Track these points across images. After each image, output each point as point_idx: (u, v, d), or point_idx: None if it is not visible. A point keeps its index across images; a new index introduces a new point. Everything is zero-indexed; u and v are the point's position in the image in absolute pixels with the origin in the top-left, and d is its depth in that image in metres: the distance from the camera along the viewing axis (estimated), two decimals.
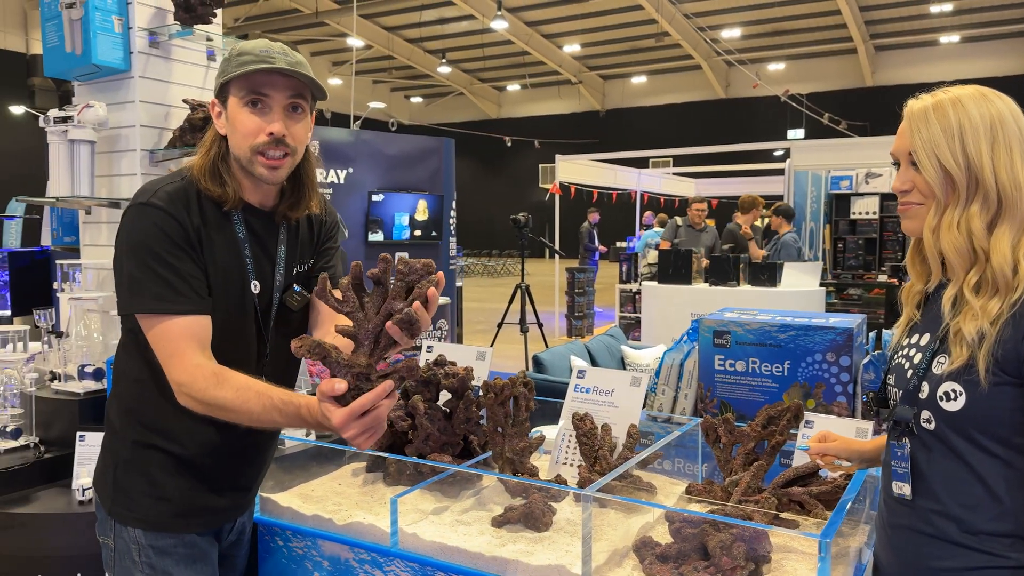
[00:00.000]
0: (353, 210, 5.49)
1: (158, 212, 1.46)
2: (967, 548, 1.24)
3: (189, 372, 1.42)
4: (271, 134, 1.49)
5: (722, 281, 6.25)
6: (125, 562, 1.55)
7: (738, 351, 2.45)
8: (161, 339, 1.44)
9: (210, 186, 1.51)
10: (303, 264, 1.68)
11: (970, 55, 23.05)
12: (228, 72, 1.50)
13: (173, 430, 1.53)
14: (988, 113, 1.23)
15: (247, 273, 1.56)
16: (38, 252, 4.03)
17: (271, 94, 1.49)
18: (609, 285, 11.53)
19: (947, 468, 1.26)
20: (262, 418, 1.39)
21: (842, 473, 1.68)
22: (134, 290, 1.45)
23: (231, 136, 1.53)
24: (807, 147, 9.49)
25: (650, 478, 1.94)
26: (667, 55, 26.18)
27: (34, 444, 2.39)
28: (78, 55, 2.68)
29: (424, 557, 1.59)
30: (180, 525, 1.56)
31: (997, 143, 1.22)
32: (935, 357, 1.28)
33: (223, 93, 1.53)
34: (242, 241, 1.55)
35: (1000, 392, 1.19)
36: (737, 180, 15.34)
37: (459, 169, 7.51)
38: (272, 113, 1.50)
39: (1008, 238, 1.22)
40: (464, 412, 1.92)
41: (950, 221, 1.25)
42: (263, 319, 1.59)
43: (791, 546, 1.56)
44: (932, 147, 1.25)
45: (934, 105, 1.27)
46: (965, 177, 1.23)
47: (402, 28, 24.92)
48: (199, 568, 1.58)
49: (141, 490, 1.54)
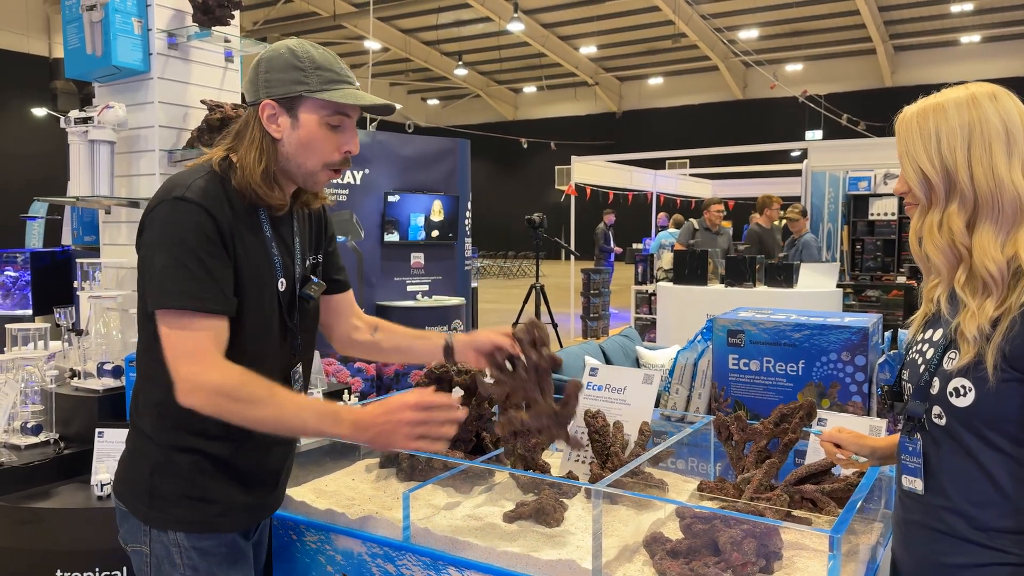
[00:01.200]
0: (369, 211, 5.52)
1: (194, 207, 1.43)
2: (976, 544, 1.25)
3: (212, 367, 1.40)
4: (347, 152, 1.53)
5: (738, 282, 6.23)
6: (164, 567, 1.52)
7: (752, 350, 2.44)
8: (180, 335, 1.41)
9: (269, 192, 1.50)
10: (311, 257, 1.68)
11: (991, 55, 22.78)
12: (310, 86, 1.48)
13: (210, 430, 1.49)
14: (968, 116, 1.26)
15: (276, 271, 1.55)
16: (59, 252, 4.09)
17: (352, 114, 1.54)
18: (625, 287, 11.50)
19: (957, 464, 1.27)
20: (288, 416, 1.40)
21: (855, 471, 1.68)
22: (165, 286, 1.42)
23: (301, 150, 1.51)
24: (825, 148, 9.43)
25: (663, 476, 1.94)
26: (684, 56, 26.09)
27: (54, 440, 2.43)
28: (98, 57, 2.72)
29: (436, 551, 1.61)
30: (224, 525, 1.54)
31: (974, 143, 1.24)
32: (946, 353, 1.28)
33: (293, 104, 1.49)
34: (269, 240, 1.55)
35: (1009, 389, 1.20)
36: (754, 181, 15.26)
37: (475, 171, 7.53)
38: (348, 132, 1.53)
39: (990, 236, 1.24)
40: (476, 409, 1.93)
41: (931, 223, 1.29)
42: (289, 314, 1.59)
43: (803, 543, 1.55)
44: (912, 152, 1.30)
45: (918, 111, 1.31)
46: (941, 179, 1.27)
47: (419, 31, 25.03)
48: (240, 568, 1.57)
49: (182, 493, 1.51)
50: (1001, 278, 1.22)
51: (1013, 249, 1.23)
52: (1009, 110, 1.26)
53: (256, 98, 1.51)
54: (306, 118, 1.49)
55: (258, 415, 1.40)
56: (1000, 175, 1.23)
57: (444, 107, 34.04)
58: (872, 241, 9.48)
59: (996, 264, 1.22)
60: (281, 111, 1.50)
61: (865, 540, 1.63)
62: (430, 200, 5.82)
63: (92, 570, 2.15)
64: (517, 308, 7.48)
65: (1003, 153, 1.24)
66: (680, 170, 15.81)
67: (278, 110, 1.50)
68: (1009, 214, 1.23)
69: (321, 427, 1.43)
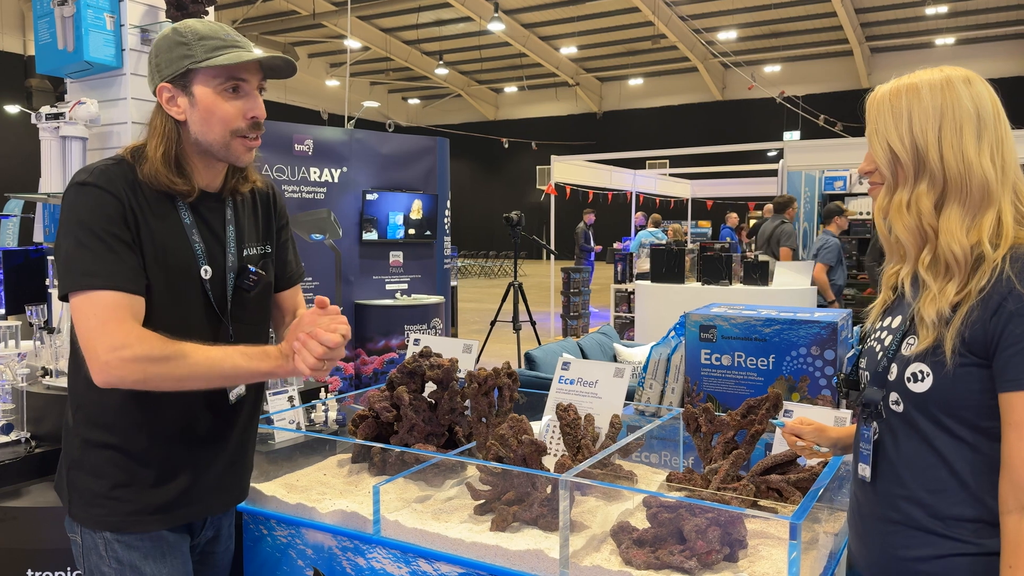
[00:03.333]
0: (347, 209, 5.51)
1: (95, 190, 1.42)
2: (934, 534, 1.22)
3: (131, 333, 1.35)
4: (253, 118, 1.49)
5: (715, 280, 6.29)
6: (92, 557, 1.53)
7: (724, 345, 2.47)
8: (88, 311, 1.36)
9: (174, 179, 1.47)
10: (257, 247, 1.65)
11: (965, 57, 23.12)
12: (195, 57, 1.46)
13: (118, 425, 1.48)
14: (941, 98, 1.25)
15: (196, 259, 1.51)
16: (32, 250, 4.05)
17: (249, 79, 1.49)
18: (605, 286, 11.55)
19: (914, 452, 1.25)
20: (223, 363, 1.38)
21: (820, 460, 1.71)
22: (71, 269, 1.39)
23: (202, 123, 1.48)
24: (801, 148, 9.53)
25: (633, 468, 1.96)
26: (663, 57, 26.23)
27: (25, 439, 2.41)
28: (70, 52, 2.70)
29: (406, 544, 1.62)
30: (138, 525, 1.51)
31: (945, 124, 1.24)
32: (905, 338, 1.27)
33: (184, 80, 1.47)
34: (189, 227, 1.51)
35: (967, 373, 1.18)
36: (732, 181, 15.38)
37: (456, 171, 7.53)
38: (250, 97, 1.49)
39: (957, 218, 1.23)
40: (449, 403, 1.94)
41: (899, 202, 1.27)
42: (219, 305, 1.55)
43: (767, 532, 1.58)
44: (883, 129, 1.28)
45: (891, 91, 1.29)
46: (911, 157, 1.26)
47: (399, 30, 24.96)
48: (169, 561, 1.54)
49: (96, 491, 1.50)
50: (964, 262, 1.21)
51: (977, 235, 1.22)
52: (981, 95, 1.25)
53: (154, 86, 1.50)
54: (200, 91, 1.47)
55: (188, 370, 1.37)
56: (969, 158, 1.22)
57: (425, 106, 33.97)
58: (847, 240, 9.59)
59: (961, 247, 1.21)
60: (177, 91, 1.48)
61: (829, 528, 1.66)
62: (409, 199, 5.82)
63: (64, 569, 2.14)
64: (495, 307, 7.49)
65: (973, 137, 1.23)
66: (659, 170, 15.90)
67: (174, 91, 1.48)
68: (977, 198, 1.22)
69: (252, 365, 1.41)
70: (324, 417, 2.48)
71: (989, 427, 1.19)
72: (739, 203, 17.11)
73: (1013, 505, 1.14)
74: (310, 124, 5.83)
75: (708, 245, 7.78)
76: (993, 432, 1.18)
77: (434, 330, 5.69)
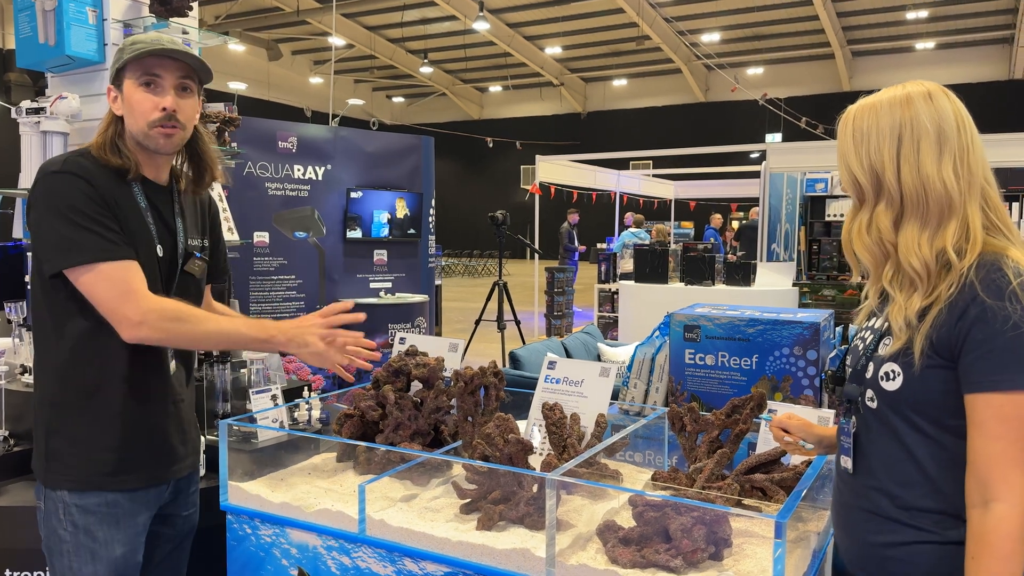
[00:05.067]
0: (331, 207, 5.48)
1: (72, 176, 1.61)
2: (899, 523, 1.30)
3: (151, 298, 1.61)
4: (164, 109, 1.68)
5: (698, 280, 6.33)
6: (51, 521, 1.70)
7: (708, 345, 2.49)
8: (109, 282, 1.59)
9: (110, 158, 1.67)
10: (198, 239, 1.87)
11: (945, 61, 23.42)
12: (122, 59, 1.69)
13: (71, 392, 1.68)
14: (899, 115, 1.29)
15: (152, 238, 1.72)
16: (11, 247, 4.00)
17: (163, 75, 1.69)
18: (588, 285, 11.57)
19: (885, 446, 1.32)
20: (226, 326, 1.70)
21: (804, 459, 1.72)
22: (72, 247, 1.58)
23: (128, 116, 1.70)
24: (783, 150, 9.58)
25: (618, 467, 1.97)
26: (647, 58, 26.34)
27: (3, 437, 2.38)
28: (51, 46, 2.67)
29: (392, 543, 1.61)
30: (109, 483, 1.68)
31: (903, 142, 1.28)
32: (882, 339, 1.34)
33: (118, 79, 1.71)
34: (144, 210, 1.72)
35: (933, 374, 1.24)
36: (715, 182, 15.46)
37: (441, 170, 7.51)
38: (164, 92, 1.69)
39: (914, 232, 1.28)
40: (434, 401, 1.94)
41: (860, 224, 1.33)
42: (166, 285, 1.76)
43: (752, 531, 1.59)
44: (844, 155, 1.35)
45: (855, 112, 1.35)
46: (870, 179, 1.31)
47: (384, 28, 24.87)
48: (123, 528, 1.71)
49: (71, 451, 1.68)
50: (926, 273, 1.26)
51: (942, 243, 1.26)
52: (943, 108, 1.29)
53: None
54: (126, 86, 1.70)
55: (204, 329, 1.67)
56: (927, 173, 1.26)
57: (409, 105, 33.87)
58: (828, 241, 9.67)
59: (920, 259, 1.26)
60: (115, 90, 1.73)
61: (813, 527, 1.68)
62: (393, 197, 5.80)
63: (42, 569, 2.11)
64: (480, 306, 7.48)
65: (932, 152, 1.27)
66: (643, 170, 15.95)
67: (114, 91, 1.73)
68: (935, 211, 1.27)
69: (252, 333, 1.70)
70: (308, 416, 2.46)
71: (954, 425, 1.25)
72: (722, 204, 17.21)
73: (977, 500, 1.20)
74: (293, 121, 5.79)
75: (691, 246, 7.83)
76: (957, 430, 1.24)
77: (418, 329, 5.68)
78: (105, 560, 1.69)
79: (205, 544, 2.03)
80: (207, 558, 2.05)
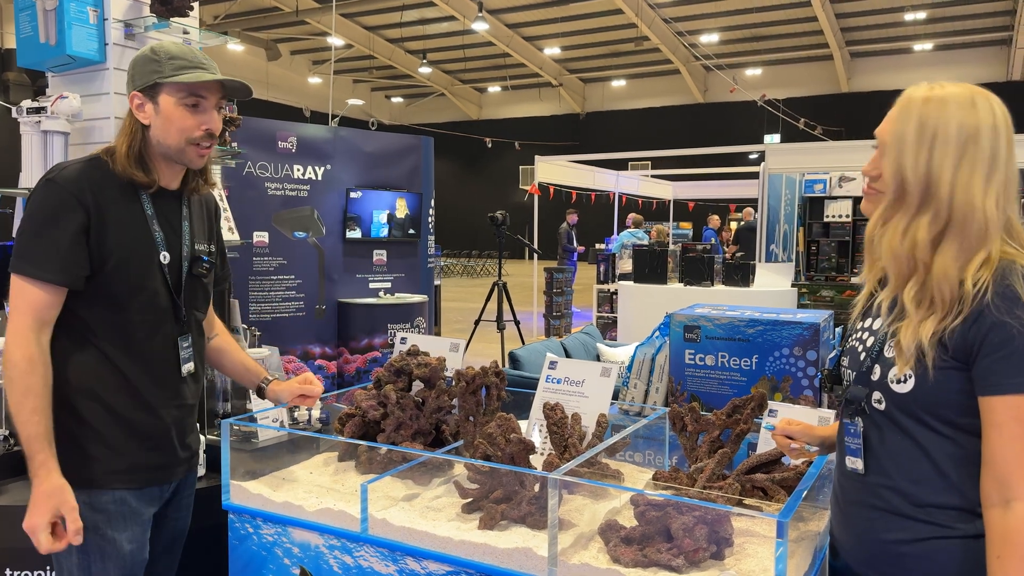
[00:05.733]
0: (331, 207, 5.48)
1: (58, 187, 1.64)
2: (915, 520, 1.30)
3: (21, 340, 1.59)
4: (207, 130, 1.73)
5: (696, 281, 6.33)
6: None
7: (708, 345, 2.49)
8: (15, 297, 1.62)
9: (135, 172, 1.69)
10: (205, 243, 1.90)
11: (943, 63, 23.44)
12: (163, 73, 1.69)
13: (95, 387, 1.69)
14: (967, 124, 1.23)
15: (156, 245, 1.75)
16: (10, 245, 3.99)
17: (208, 96, 1.73)
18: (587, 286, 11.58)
19: (896, 445, 1.32)
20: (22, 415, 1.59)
21: (804, 460, 1.73)
22: (19, 252, 1.63)
23: (163, 129, 1.71)
24: (782, 150, 9.60)
25: (619, 467, 1.97)
26: (646, 59, 26.34)
27: (3, 437, 2.38)
28: (52, 46, 2.67)
29: (393, 542, 1.62)
30: (112, 481, 1.70)
31: (964, 159, 1.23)
32: (887, 342, 1.33)
33: (153, 90, 1.71)
34: (150, 217, 1.75)
35: (947, 376, 1.24)
36: (714, 183, 15.47)
37: (439, 170, 7.51)
38: (207, 112, 1.73)
39: (952, 255, 1.24)
40: (435, 401, 1.94)
41: (896, 225, 1.28)
42: (175, 287, 1.78)
43: (753, 530, 1.60)
44: (901, 145, 1.27)
45: (922, 100, 1.27)
46: (922, 185, 1.25)
47: (383, 28, 24.86)
48: (129, 526, 1.73)
49: (73, 450, 1.69)
50: (951, 300, 1.23)
51: (967, 272, 1.23)
52: (1000, 130, 1.24)
53: (128, 93, 1.74)
54: (164, 101, 1.70)
55: (15, 401, 1.59)
56: (976, 199, 1.22)
57: (408, 105, 33.86)
58: (827, 242, 9.69)
59: (951, 286, 1.23)
60: (145, 100, 1.72)
61: (814, 527, 1.68)
62: (393, 197, 5.80)
63: (43, 568, 2.11)
64: (479, 306, 7.48)
65: (983, 178, 1.23)
66: (642, 171, 15.95)
67: (143, 99, 1.72)
68: (974, 239, 1.23)
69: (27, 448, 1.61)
70: (307, 416, 2.47)
71: (967, 423, 1.25)
72: (720, 205, 17.22)
73: (997, 499, 1.21)
74: (292, 121, 5.79)
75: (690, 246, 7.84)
76: (971, 428, 1.25)
77: (417, 329, 5.67)
78: (114, 557, 1.71)
79: (207, 544, 2.03)
80: (209, 558, 2.05)
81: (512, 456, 1.65)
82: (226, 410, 2.44)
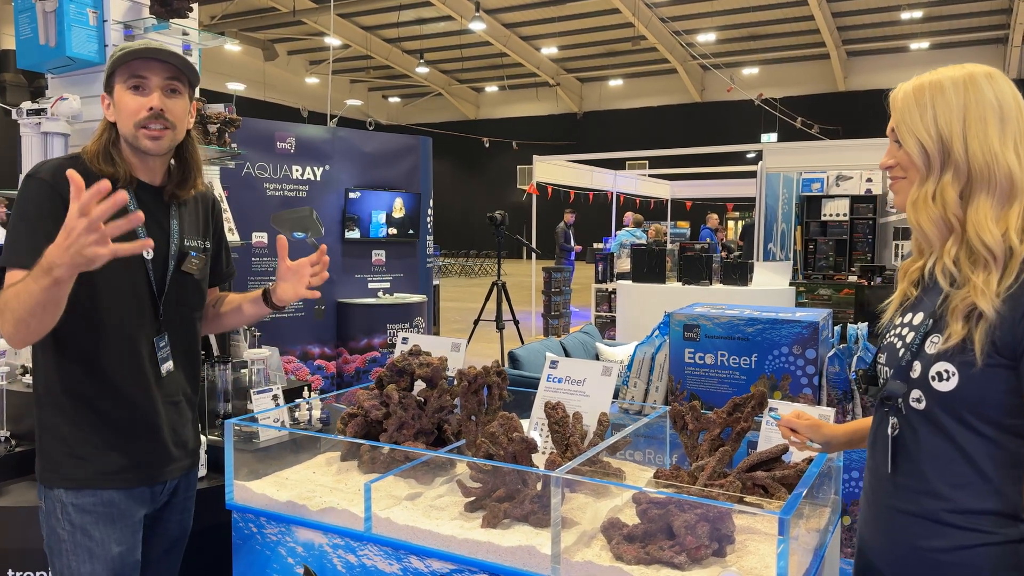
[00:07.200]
0: (330, 207, 5.49)
1: (38, 181, 1.68)
2: (954, 527, 1.25)
3: None
4: (151, 109, 1.72)
5: (695, 280, 6.34)
6: (51, 520, 1.74)
7: (707, 344, 2.50)
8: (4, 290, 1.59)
9: (102, 167, 1.72)
10: (198, 240, 1.91)
11: (939, 61, 22.69)
12: (113, 65, 1.73)
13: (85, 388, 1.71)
14: (964, 93, 1.27)
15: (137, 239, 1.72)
16: None
17: (149, 76, 1.73)
18: (585, 285, 11.60)
19: (935, 447, 1.27)
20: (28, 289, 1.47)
21: (806, 457, 1.74)
22: (6, 247, 1.65)
23: (119, 119, 1.74)
24: (779, 150, 9.62)
25: (620, 465, 1.98)
26: (643, 59, 26.36)
27: (5, 438, 2.38)
28: (52, 47, 2.67)
29: (397, 541, 1.62)
30: (102, 482, 1.72)
31: (969, 117, 1.26)
32: (928, 336, 1.28)
33: (109, 85, 1.76)
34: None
35: (993, 374, 1.20)
36: (711, 182, 15.50)
37: (437, 170, 7.52)
38: (151, 93, 1.73)
39: (986, 208, 1.24)
40: (437, 400, 1.95)
41: (926, 193, 1.28)
42: (158, 286, 1.79)
43: (754, 527, 1.60)
44: (909, 122, 1.30)
45: (914, 87, 1.33)
46: (938, 149, 1.27)
47: (380, 28, 24.86)
48: (119, 527, 1.74)
49: (63, 451, 1.72)
50: (1001, 252, 1.21)
51: (1005, 224, 1.23)
52: (1003, 90, 1.27)
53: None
54: (116, 90, 1.75)
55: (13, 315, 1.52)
56: (995, 150, 1.23)
57: (406, 105, 33.85)
58: (824, 241, 9.72)
59: (993, 237, 1.21)
60: (108, 97, 1.78)
61: (814, 524, 1.69)
62: (391, 197, 5.81)
63: (44, 569, 2.12)
64: (478, 307, 7.49)
65: (997, 130, 1.25)
66: (639, 171, 15.97)
67: (107, 97, 1.78)
68: (1005, 188, 1.23)
69: (38, 278, 1.46)
70: (308, 416, 2.47)
71: (1012, 424, 1.22)
72: (718, 204, 17.24)
73: None
74: (290, 121, 5.79)
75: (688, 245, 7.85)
76: (1015, 429, 1.21)
77: (416, 329, 5.68)
78: (102, 559, 1.72)
79: (210, 543, 2.04)
80: (212, 557, 2.06)
81: (514, 455, 1.65)
82: (227, 410, 2.44)
